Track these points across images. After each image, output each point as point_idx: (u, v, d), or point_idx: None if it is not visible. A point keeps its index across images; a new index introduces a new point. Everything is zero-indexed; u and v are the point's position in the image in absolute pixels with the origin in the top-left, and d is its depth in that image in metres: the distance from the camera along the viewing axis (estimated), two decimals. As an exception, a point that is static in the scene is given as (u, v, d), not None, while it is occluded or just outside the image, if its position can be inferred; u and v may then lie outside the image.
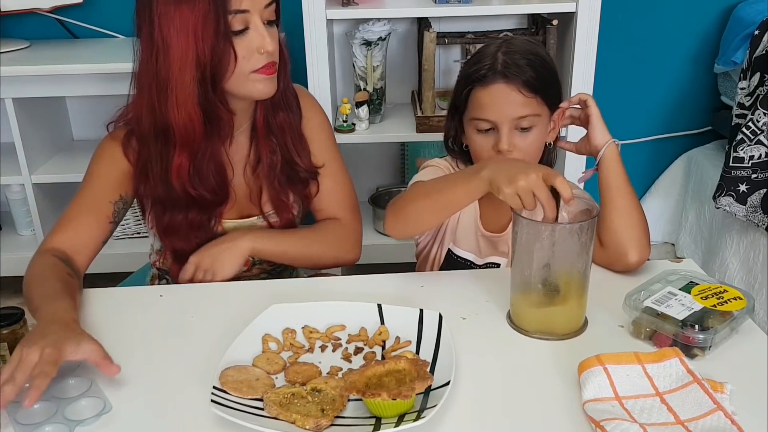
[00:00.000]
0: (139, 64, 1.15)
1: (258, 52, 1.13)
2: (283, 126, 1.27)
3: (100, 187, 1.23)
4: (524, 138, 1.18)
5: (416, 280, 1.20)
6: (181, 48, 1.09)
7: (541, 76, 1.17)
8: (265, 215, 1.30)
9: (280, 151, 1.27)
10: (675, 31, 2.46)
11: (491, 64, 1.17)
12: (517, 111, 1.16)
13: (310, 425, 0.83)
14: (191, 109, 1.13)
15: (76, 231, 1.21)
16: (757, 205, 1.95)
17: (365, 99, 2.16)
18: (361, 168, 2.44)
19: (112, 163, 1.22)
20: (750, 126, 1.93)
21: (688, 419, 0.83)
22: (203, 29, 1.08)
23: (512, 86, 1.15)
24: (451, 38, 2.18)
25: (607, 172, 1.17)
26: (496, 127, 1.18)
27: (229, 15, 1.09)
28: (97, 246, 1.23)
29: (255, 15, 1.11)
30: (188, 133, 1.15)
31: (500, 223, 1.30)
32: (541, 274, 1.00)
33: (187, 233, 1.24)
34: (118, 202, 1.24)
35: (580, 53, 2.01)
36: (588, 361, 0.90)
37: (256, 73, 1.14)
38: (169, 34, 1.09)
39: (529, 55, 1.17)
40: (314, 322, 1.04)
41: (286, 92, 1.26)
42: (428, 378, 0.87)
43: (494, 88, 1.16)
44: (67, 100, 2.45)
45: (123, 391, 0.92)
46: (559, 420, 0.86)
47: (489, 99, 1.17)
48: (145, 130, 1.17)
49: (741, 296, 1.01)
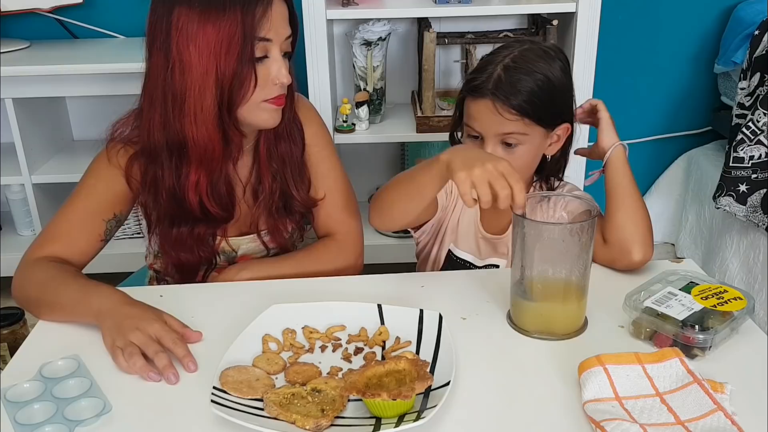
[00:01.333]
0: (149, 77, 1.13)
1: (273, 82, 1.12)
2: (284, 157, 1.26)
3: (96, 203, 1.20)
4: (510, 153, 1.18)
5: (416, 280, 1.20)
6: (203, 67, 1.08)
7: (537, 98, 1.15)
8: (260, 233, 1.30)
9: (279, 180, 1.26)
10: (675, 31, 2.46)
11: (486, 78, 1.16)
12: (501, 128, 1.16)
13: (310, 425, 0.83)
14: (211, 129, 1.12)
15: (69, 245, 1.18)
16: (757, 205, 1.95)
17: (365, 99, 2.16)
18: (360, 168, 2.44)
19: (111, 184, 1.20)
20: (750, 126, 1.93)
21: (688, 419, 0.83)
22: (227, 51, 1.07)
23: (498, 105, 1.15)
24: (451, 38, 2.19)
25: (614, 173, 1.19)
26: (481, 137, 1.19)
27: (255, 42, 1.09)
28: (86, 261, 1.21)
29: (275, 45, 1.11)
30: (207, 151, 1.14)
31: (500, 225, 1.30)
32: (541, 274, 1.00)
33: (192, 247, 1.23)
34: (111, 221, 1.21)
35: (580, 53, 2.01)
36: (588, 362, 0.90)
37: (266, 102, 1.14)
38: (188, 52, 1.08)
39: (533, 75, 1.15)
40: (314, 322, 1.04)
41: (291, 123, 1.25)
42: (428, 378, 0.87)
43: (480, 103, 1.17)
44: (67, 100, 2.45)
45: (123, 391, 0.92)
46: (559, 420, 0.86)
47: (475, 111, 1.18)
48: (157, 144, 1.15)
49: (741, 296, 1.01)
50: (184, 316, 1.08)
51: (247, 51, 1.08)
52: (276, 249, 1.32)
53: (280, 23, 1.11)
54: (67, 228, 1.19)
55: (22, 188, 2.27)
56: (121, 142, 1.20)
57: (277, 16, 1.10)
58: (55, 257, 1.16)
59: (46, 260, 1.15)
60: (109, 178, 1.20)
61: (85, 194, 1.21)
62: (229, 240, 1.28)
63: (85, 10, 2.30)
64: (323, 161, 1.32)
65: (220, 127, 1.13)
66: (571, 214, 1.05)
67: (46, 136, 2.32)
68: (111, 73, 2.03)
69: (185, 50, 1.08)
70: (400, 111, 2.34)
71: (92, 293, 1.06)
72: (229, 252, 1.30)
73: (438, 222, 1.32)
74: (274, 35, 1.10)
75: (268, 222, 1.28)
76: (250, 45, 1.08)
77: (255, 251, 1.32)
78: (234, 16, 1.07)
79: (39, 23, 2.32)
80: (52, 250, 1.17)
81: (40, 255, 1.16)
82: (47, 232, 1.20)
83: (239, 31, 1.07)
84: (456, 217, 1.31)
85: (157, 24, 1.10)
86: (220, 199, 1.20)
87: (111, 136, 1.20)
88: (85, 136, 2.48)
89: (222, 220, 1.23)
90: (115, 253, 2.07)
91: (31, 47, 2.26)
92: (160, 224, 1.23)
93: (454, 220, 1.31)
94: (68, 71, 2.06)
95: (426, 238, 1.35)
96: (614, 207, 1.18)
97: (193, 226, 1.22)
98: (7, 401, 0.90)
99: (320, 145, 1.32)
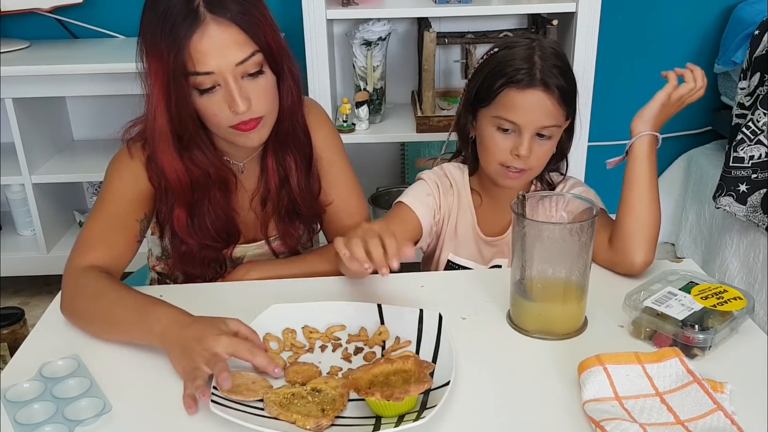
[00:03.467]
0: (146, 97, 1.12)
1: (232, 111, 1.07)
2: (290, 164, 1.24)
3: (126, 204, 1.17)
4: (541, 145, 1.19)
5: (416, 280, 1.20)
6: (156, 97, 1.07)
7: (572, 88, 1.18)
8: (268, 240, 1.29)
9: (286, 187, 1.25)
10: (675, 31, 2.46)
11: (529, 68, 1.15)
12: (546, 120, 1.17)
13: (311, 425, 0.83)
14: (174, 162, 1.11)
15: (110, 249, 1.15)
16: (757, 205, 1.95)
17: (365, 99, 2.16)
18: (361, 168, 2.41)
19: (135, 183, 1.18)
20: (750, 126, 1.93)
21: (688, 419, 0.83)
22: (170, 87, 1.05)
23: (549, 95, 1.15)
24: (451, 38, 2.18)
25: (633, 164, 1.15)
26: (518, 130, 1.18)
27: (191, 77, 1.05)
28: (126, 264, 1.18)
29: (226, 74, 1.05)
30: (180, 185, 1.13)
31: (500, 225, 1.30)
32: (541, 273, 1.00)
33: (202, 262, 1.23)
34: (143, 221, 1.20)
35: (580, 53, 2.01)
36: (588, 361, 0.90)
37: (234, 128, 1.10)
38: (148, 75, 1.07)
39: (560, 63, 1.17)
40: (314, 322, 1.04)
41: (295, 133, 1.22)
42: (426, 381, 0.86)
43: (531, 94, 1.16)
44: (67, 100, 2.45)
45: (123, 391, 0.92)
46: (559, 420, 0.86)
47: (524, 103, 1.16)
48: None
49: (741, 296, 1.01)
50: (184, 316, 1.08)
51: (182, 88, 1.05)
52: (285, 253, 1.31)
53: (219, 52, 1.04)
54: (103, 233, 1.16)
55: (22, 188, 2.27)
56: (140, 140, 1.18)
57: (213, 46, 1.03)
58: (98, 266, 1.12)
59: (92, 270, 1.11)
60: (132, 177, 1.18)
61: (112, 197, 1.18)
62: (237, 248, 1.28)
63: (85, 10, 2.30)
64: (333, 166, 1.30)
65: (182, 159, 1.12)
66: (571, 213, 1.05)
67: (46, 136, 2.32)
68: (111, 73, 2.03)
69: (147, 74, 1.08)
70: (400, 111, 2.34)
71: (150, 314, 1.00)
72: (236, 259, 1.30)
73: (435, 233, 1.32)
74: (215, 66, 1.04)
75: (279, 227, 1.28)
76: (185, 81, 1.05)
77: (263, 257, 1.31)
78: (166, 51, 1.03)
79: (39, 23, 2.32)
80: (94, 257, 1.13)
81: (83, 265, 1.12)
82: (84, 240, 1.16)
83: (171, 68, 1.04)
84: (453, 224, 1.31)
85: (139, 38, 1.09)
86: (205, 234, 1.19)
87: (128, 134, 1.19)
88: (85, 136, 2.47)
89: (221, 246, 1.23)
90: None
91: (31, 47, 2.26)
92: (173, 237, 1.22)
93: (452, 227, 1.31)
94: (68, 71, 2.06)
95: (431, 245, 1.35)
96: (624, 199, 1.15)
97: (200, 248, 1.21)
98: (7, 401, 0.90)
99: (330, 150, 1.30)
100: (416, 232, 1.26)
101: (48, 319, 1.11)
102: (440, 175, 1.32)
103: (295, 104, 1.19)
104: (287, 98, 1.17)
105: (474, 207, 1.30)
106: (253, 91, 1.08)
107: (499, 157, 1.21)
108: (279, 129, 1.19)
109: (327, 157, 1.30)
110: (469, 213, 1.30)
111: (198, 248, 1.21)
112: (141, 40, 1.08)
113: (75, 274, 1.11)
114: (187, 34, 1.02)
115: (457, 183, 1.31)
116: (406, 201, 1.28)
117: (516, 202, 1.01)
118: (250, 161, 1.25)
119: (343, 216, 1.31)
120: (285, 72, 1.14)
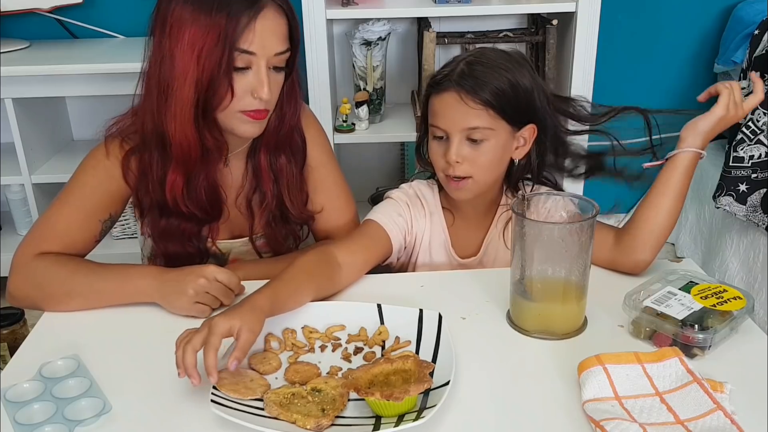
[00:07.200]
0: (148, 66, 1.13)
1: (252, 96, 1.10)
2: (283, 169, 1.25)
3: (92, 203, 1.18)
4: (475, 149, 1.16)
5: (416, 280, 1.20)
6: (185, 65, 1.07)
7: (501, 91, 1.13)
8: (252, 238, 1.29)
9: (276, 191, 1.26)
10: (675, 31, 2.46)
11: (449, 72, 1.15)
12: (467, 121, 1.14)
13: (311, 425, 0.83)
14: (188, 129, 1.11)
15: (65, 246, 1.16)
16: (757, 205, 1.96)
17: (365, 99, 2.16)
18: (360, 168, 2.44)
19: (107, 181, 1.19)
20: (750, 126, 1.93)
21: (687, 419, 0.83)
22: (207, 57, 1.06)
23: (462, 95, 1.13)
24: (451, 38, 2.18)
25: (671, 173, 1.15)
26: (446, 135, 1.17)
27: (235, 52, 1.07)
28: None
29: (261, 59, 1.09)
30: (184, 151, 1.13)
31: (474, 243, 1.28)
32: (540, 273, 1.00)
33: (181, 239, 1.23)
34: (106, 221, 1.20)
35: (580, 53, 2.02)
36: (588, 361, 0.90)
37: (244, 114, 1.12)
38: (176, 47, 1.07)
39: (496, 69, 1.14)
40: (314, 322, 1.04)
41: (292, 136, 1.24)
42: (426, 381, 0.86)
43: (445, 96, 1.15)
44: (67, 100, 2.46)
45: (123, 391, 0.92)
46: (559, 420, 0.86)
47: (440, 106, 1.16)
48: (148, 132, 1.15)
49: (741, 296, 1.01)
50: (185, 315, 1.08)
51: (225, 59, 1.07)
52: (269, 254, 1.32)
53: (268, 38, 1.08)
54: (64, 228, 1.17)
55: (22, 188, 2.27)
56: (119, 136, 1.19)
57: (266, 30, 1.08)
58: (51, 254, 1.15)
59: (47, 255, 1.14)
60: (105, 175, 1.19)
61: (80, 193, 1.19)
62: (221, 243, 1.28)
63: (85, 10, 2.30)
64: (321, 166, 1.31)
65: (197, 129, 1.12)
66: (571, 213, 1.05)
67: (45, 136, 2.33)
68: (111, 73, 2.03)
69: (175, 45, 1.08)
70: (400, 111, 2.34)
71: (132, 275, 1.10)
72: (219, 255, 1.29)
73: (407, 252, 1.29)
74: (258, 49, 1.08)
75: (266, 230, 1.28)
76: (228, 54, 1.06)
77: (247, 255, 1.31)
78: (218, 22, 1.05)
79: (39, 23, 2.32)
80: (49, 248, 1.15)
81: (37, 252, 1.14)
82: (42, 229, 1.17)
83: (220, 38, 1.06)
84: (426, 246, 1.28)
85: (158, 15, 1.10)
86: (197, 202, 1.19)
87: (109, 131, 1.20)
88: (85, 136, 2.48)
89: (206, 220, 1.23)
90: (114, 253, 2.09)
91: (31, 47, 2.26)
92: (150, 213, 1.22)
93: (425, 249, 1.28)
94: (68, 71, 2.06)
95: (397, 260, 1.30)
96: (652, 201, 1.14)
97: (181, 220, 1.21)
98: (7, 401, 0.90)
99: (319, 149, 1.31)
100: (386, 250, 1.23)
101: (48, 319, 1.10)
102: (411, 195, 1.28)
103: (295, 108, 1.21)
104: (290, 101, 1.18)
105: (447, 226, 1.28)
106: (275, 83, 1.13)
107: (439, 166, 1.20)
108: (278, 130, 1.20)
109: (315, 156, 1.30)
110: (442, 233, 1.27)
111: (178, 221, 1.21)
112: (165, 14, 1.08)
113: (28, 261, 1.14)
114: (248, 11, 1.06)
115: (428, 203, 1.28)
116: (376, 219, 1.23)
117: (516, 202, 1.01)
118: (234, 156, 1.25)
119: (331, 215, 1.32)
120: (294, 76, 1.17)
